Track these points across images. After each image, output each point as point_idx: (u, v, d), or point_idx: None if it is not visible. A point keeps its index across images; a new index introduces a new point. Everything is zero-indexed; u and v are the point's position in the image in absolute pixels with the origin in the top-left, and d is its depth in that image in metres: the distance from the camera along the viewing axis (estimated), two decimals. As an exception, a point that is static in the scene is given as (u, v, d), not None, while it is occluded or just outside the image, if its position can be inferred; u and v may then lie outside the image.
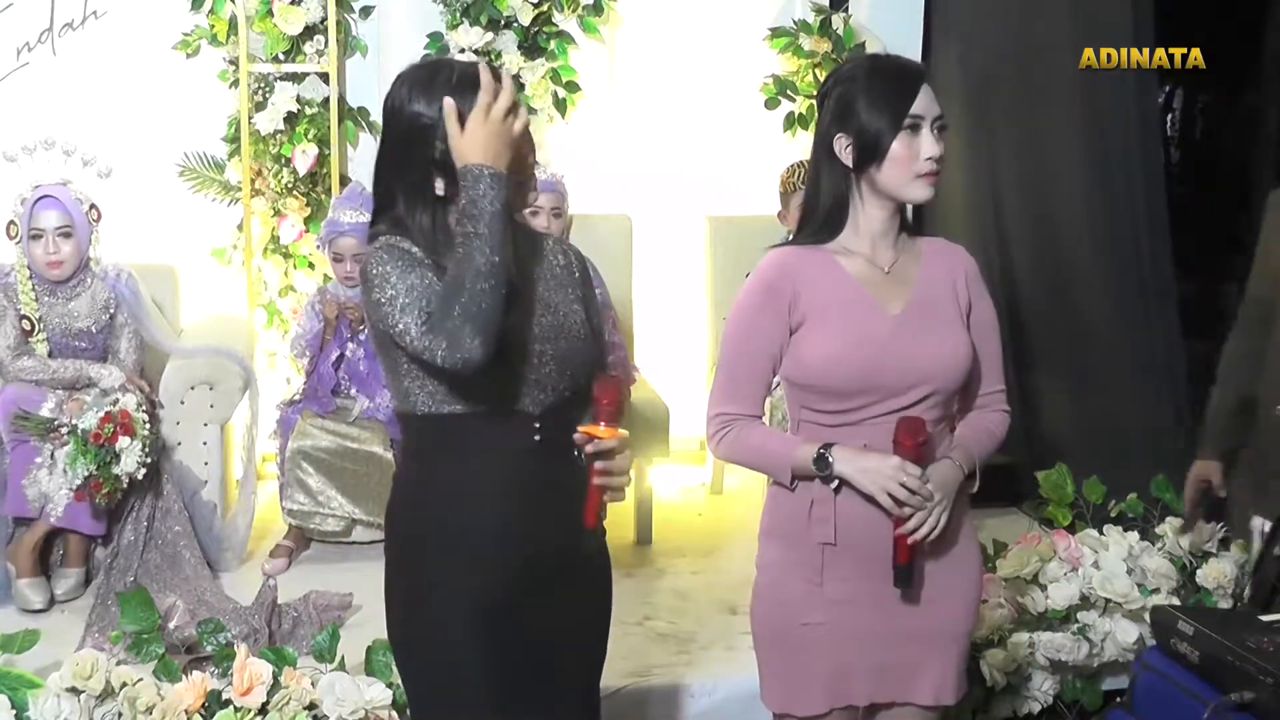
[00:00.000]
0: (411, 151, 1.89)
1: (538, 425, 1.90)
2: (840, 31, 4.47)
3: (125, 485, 3.39)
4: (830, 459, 2.01)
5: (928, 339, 2.04)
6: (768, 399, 2.20)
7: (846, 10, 4.55)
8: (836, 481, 2.03)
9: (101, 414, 3.33)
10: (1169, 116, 7.18)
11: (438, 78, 1.88)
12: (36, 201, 3.50)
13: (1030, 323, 4.50)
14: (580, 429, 1.89)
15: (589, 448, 1.87)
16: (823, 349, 2.03)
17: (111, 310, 3.62)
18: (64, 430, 3.37)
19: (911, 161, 2.00)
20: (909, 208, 2.12)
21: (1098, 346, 4.41)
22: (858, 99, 2.02)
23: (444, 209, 1.90)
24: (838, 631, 2.08)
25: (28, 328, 3.56)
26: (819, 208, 2.09)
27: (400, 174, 1.91)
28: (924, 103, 2.01)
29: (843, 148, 2.03)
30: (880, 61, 2.12)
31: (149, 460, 3.41)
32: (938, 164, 2.02)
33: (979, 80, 4.57)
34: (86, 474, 3.30)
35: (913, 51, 4.64)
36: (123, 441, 3.34)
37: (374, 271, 1.86)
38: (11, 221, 3.56)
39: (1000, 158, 4.57)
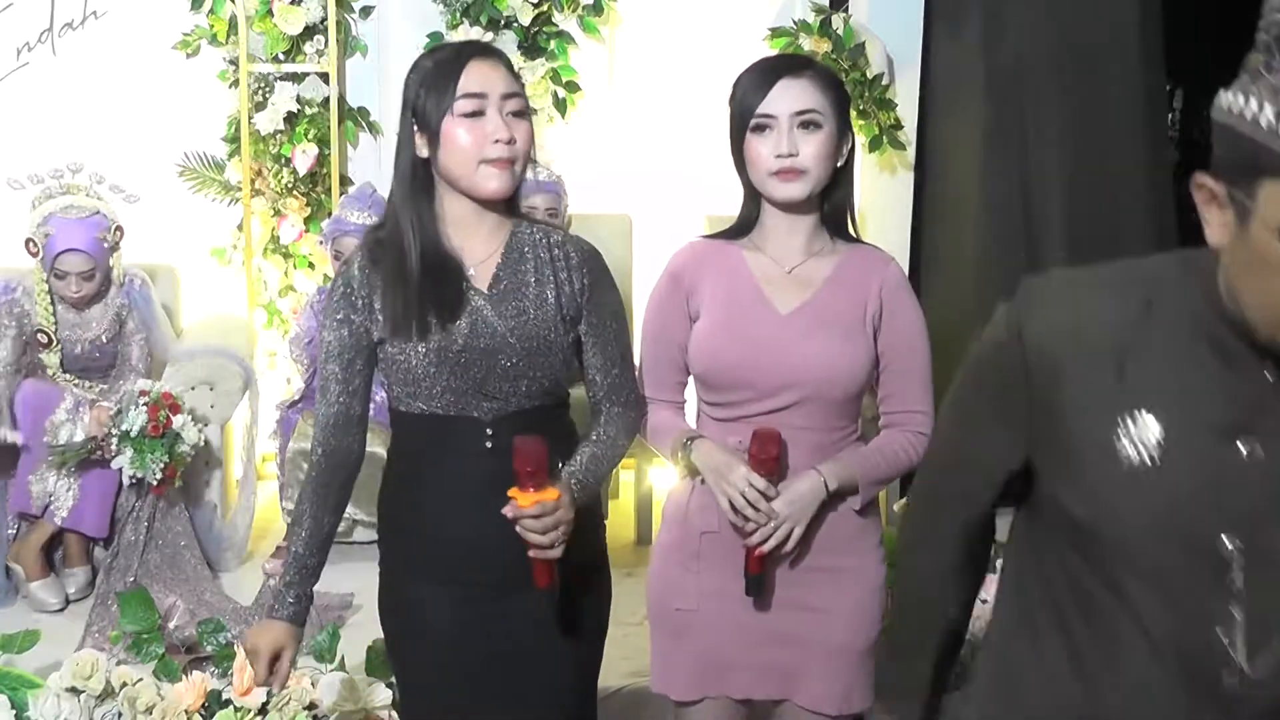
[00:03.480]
0: (403, 116, 1.95)
1: (490, 432, 1.92)
2: (840, 31, 4.46)
3: (192, 457, 3.42)
4: (689, 450, 2.03)
5: (810, 343, 2.00)
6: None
7: (846, 10, 4.55)
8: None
9: (147, 408, 3.33)
10: (1169, 116, 7.17)
11: (428, 58, 1.95)
12: (61, 253, 3.40)
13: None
14: (510, 491, 1.82)
15: (506, 512, 1.80)
16: (704, 340, 2.05)
17: (124, 317, 3.59)
18: (112, 443, 3.34)
19: (762, 161, 1.99)
20: (849, 211, 2.10)
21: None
22: (732, 101, 2.04)
23: (424, 167, 1.93)
24: (710, 620, 2.07)
25: (44, 340, 3.52)
26: (742, 202, 2.11)
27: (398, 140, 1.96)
28: (778, 100, 1.98)
29: (731, 149, 2.06)
30: (757, 63, 2.09)
31: (201, 425, 3.46)
32: (794, 161, 1.97)
33: (991, 76, 4.57)
34: (163, 464, 3.32)
35: (913, 51, 4.64)
36: (177, 420, 3.36)
37: (331, 288, 1.99)
38: (30, 239, 3.46)
39: (1009, 156, 4.56)
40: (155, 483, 3.34)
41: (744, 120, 2.01)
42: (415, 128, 1.91)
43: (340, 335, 1.95)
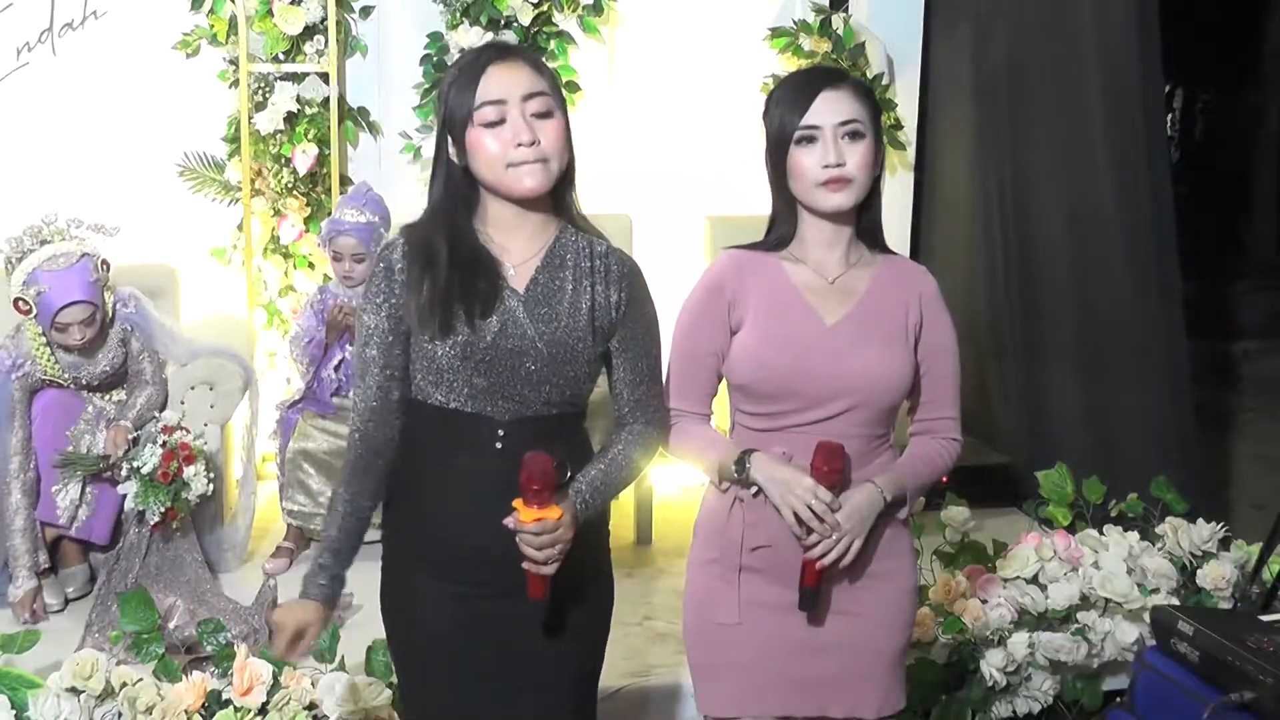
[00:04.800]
0: (439, 124, 1.97)
1: (501, 433, 1.91)
2: (840, 31, 4.47)
3: (197, 503, 3.43)
4: (748, 464, 2.03)
5: (858, 352, 2.03)
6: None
7: (846, 10, 4.55)
8: (756, 487, 2.04)
9: (161, 453, 3.33)
10: (1169, 116, 7.13)
11: (455, 64, 1.97)
12: (61, 308, 3.27)
13: (1033, 321, 4.50)
14: (514, 503, 1.83)
15: (507, 523, 1.81)
16: (749, 350, 2.05)
17: (127, 339, 3.52)
18: (122, 469, 3.34)
19: (809, 173, 2.01)
20: (878, 222, 2.13)
21: (1101, 346, 4.41)
22: (770, 116, 2.06)
23: (459, 175, 1.94)
24: (751, 633, 2.08)
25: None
26: (774, 215, 2.12)
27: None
28: (822, 112, 2.01)
29: (769, 162, 2.08)
30: (793, 76, 2.13)
31: (212, 475, 3.45)
32: (842, 170, 2.00)
33: (990, 76, 4.57)
34: (163, 510, 3.32)
35: (912, 51, 4.64)
36: (189, 470, 3.36)
37: (374, 272, 1.96)
38: (19, 299, 3.29)
39: (1009, 155, 4.56)
40: (155, 521, 3.34)
41: (785, 134, 2.02)
42: (450, 136, 1.93)
43: (381, 319, 1.93)
